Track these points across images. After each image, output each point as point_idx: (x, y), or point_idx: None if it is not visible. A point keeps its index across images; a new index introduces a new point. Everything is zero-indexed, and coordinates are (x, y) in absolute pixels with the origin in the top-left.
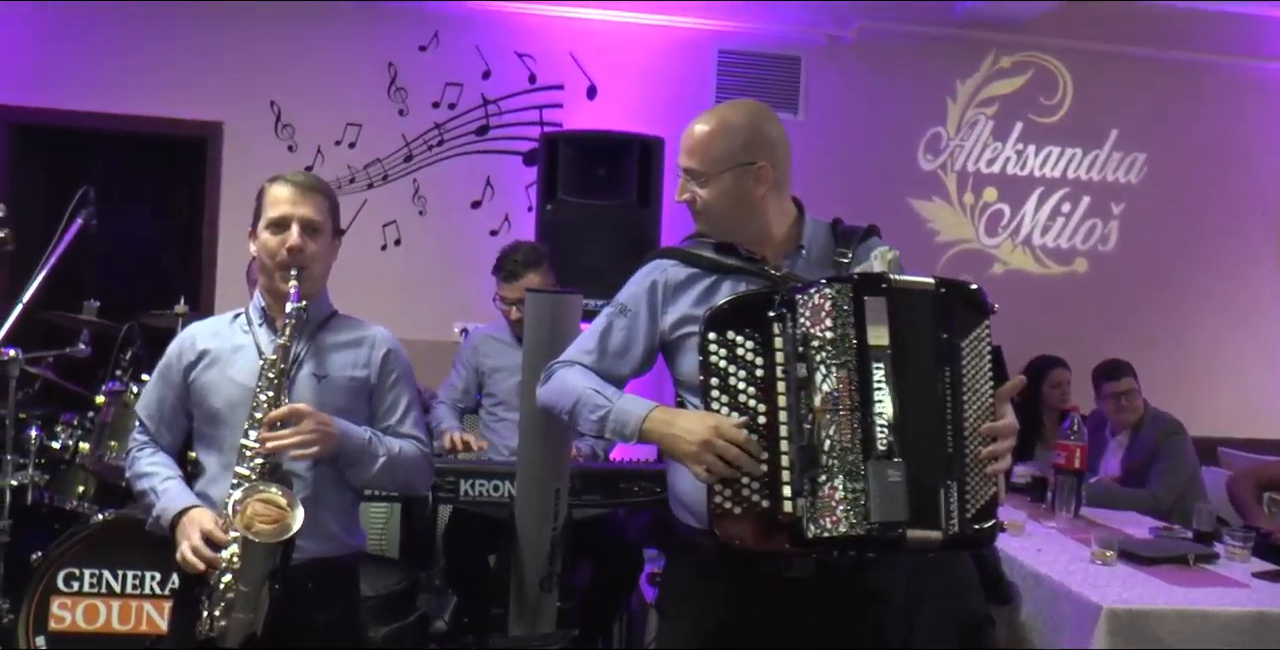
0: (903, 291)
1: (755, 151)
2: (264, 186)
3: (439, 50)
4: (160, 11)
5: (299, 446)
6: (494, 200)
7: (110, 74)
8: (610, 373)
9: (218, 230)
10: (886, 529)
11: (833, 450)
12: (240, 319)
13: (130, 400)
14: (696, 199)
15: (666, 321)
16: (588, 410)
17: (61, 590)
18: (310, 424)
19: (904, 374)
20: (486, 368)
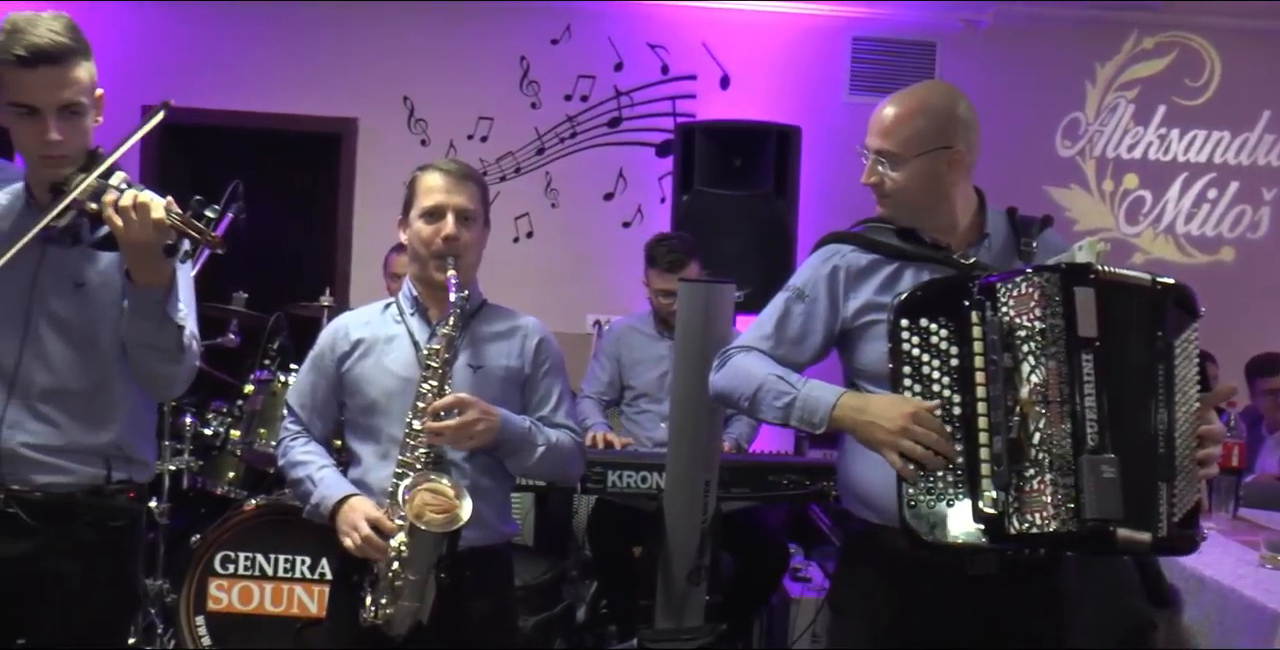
0: (1113, 285)
1: (951, 136)
2: (415, 175)
3: (571, 42)
4: (296, 12)
5: (464, 436)
6: (626, 192)
7: (249, 74)
8: (787, 360)
9: (352, 223)
10: (1098, 527)
11: (1041, 444)
12: (391, 308)
13: (278, 388)
14: (885, 182)
15: (849, 308)
16: (771, 397)
17: (218, 572)
18: (475, 413)
19: (1114, 369)
20: (628, 360)
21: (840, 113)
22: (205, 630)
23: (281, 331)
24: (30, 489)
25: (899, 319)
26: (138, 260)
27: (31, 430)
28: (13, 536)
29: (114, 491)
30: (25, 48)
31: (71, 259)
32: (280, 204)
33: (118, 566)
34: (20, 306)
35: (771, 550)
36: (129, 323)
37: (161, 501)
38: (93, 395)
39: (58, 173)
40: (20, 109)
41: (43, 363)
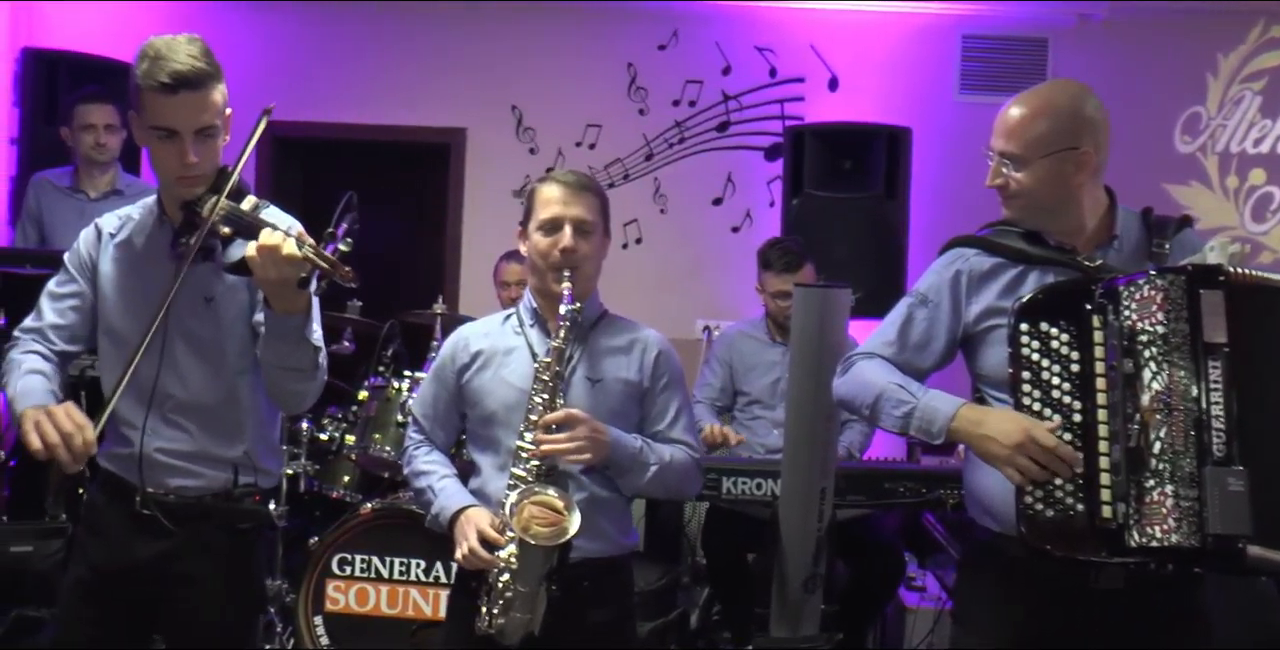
0: (1246, 287)
1: (1078, 136)
2: (534, 187)
3: (678, 48)
4: (404, 25)
5: (572, 452)
6: (735, 196)
7: (359, 87)
8: (910, 366)
9: (461, 232)
10: (1224, 542)
11: (1163, 453)
12: (511, 320)
13: (391, 394)
14: (1010, 184)
15: (971, 313)
16: (890, 406)
17: (335, 574)
18: (585, 430)
19: (1246, 376)
20: (740, 366)
21: (951, 112)
22: (323, 630)
23: (395, 339)
24: (165, 492)
25: (1019, 323)
26: (274, 292)
27: (166, 437)
28: (151, 538)
29: (241, 495)
30: (169, 75)
31: (202, 275)
32: (392, 214)
33: (245, 567)
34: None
35: (887, 559)
36: (266, 345)
37: (280, 504)
38: (221, 408)
39: (193, 191)
40: (160, 132)
41: (176, 376)
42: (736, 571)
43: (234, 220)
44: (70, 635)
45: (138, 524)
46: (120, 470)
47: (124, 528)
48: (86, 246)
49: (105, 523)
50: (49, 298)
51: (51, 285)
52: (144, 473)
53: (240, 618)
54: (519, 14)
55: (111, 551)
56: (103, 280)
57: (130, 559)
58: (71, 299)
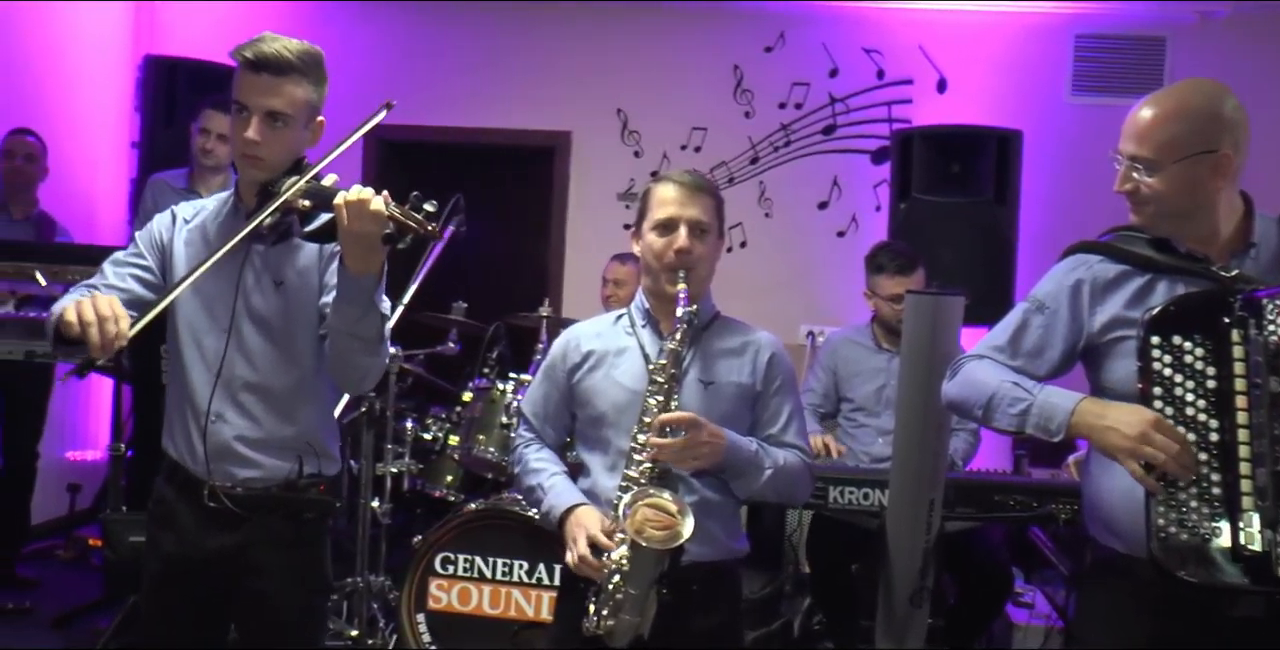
0: None
1: (1214, 139)
2: (649, 187)
3: (784, 50)
4: (511, 27)
5: (688, 455)
6: (841, 200)
7: (465, 90)
8: (1022, 373)
9: (565, 234)
10: None
11: None
12: (623, 320)
13: (496, 396)
14: (1141, 189)
15: (1095, 323)
16: (1006, 403)
17: (438, 572)
18: (701, 434)
19: None
20: (845, 372)
21: (1063, 114)
22: (425, 627)
23: (500, 341)
24: (232, 485)
25: (1149, 336)
26: (355, 249)
27: (233, 423)
28: (220, 530)
29: (305, 485)
30: (254, 53)
31: (273, 258)
32: (497, 217)
33: (312, 557)
34: (226, 303)
35: (995, 573)
36: (335, 310)
37: (384, 502)
38: (289, 389)
39: (255, 174)
40: (237, 106)
41: (244, 357)
42: (841, 582)
43: (315, 193)
44: (154, 625)
45: (207, 516)
46: (188, 459)
47: (193, 521)
48: (161, 227)
49: (174, 516)
50: (112, 262)
51: (117, 254)
52: (210, 463)
53: (308, 605)
54: (626, 16)
55: (183, 545)
56: (175, 261)
57: (201, 551)
58: (133, 268)
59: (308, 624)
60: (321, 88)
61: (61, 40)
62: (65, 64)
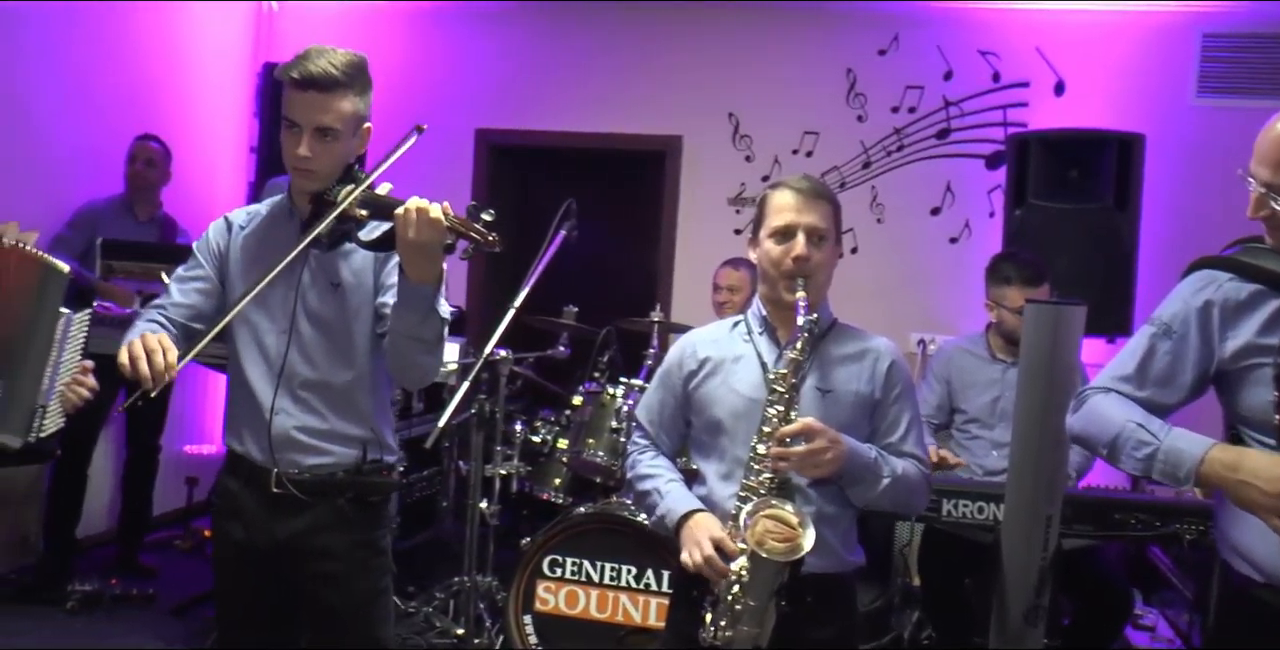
0: None
1: None
2: (766, 193)
3: (898, 53)
4: (624, 32)
5: (810, 464)
6: (954, 206)
7: (576, 94)
8: (1153, 403)
9: (675, 239)
10: None
11: None
12: (740, 327)
13: (606, 401)
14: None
15: (1226, 349)
16: (1130, 446)
17: (546, 575)
18: (822, 441)
19: None
20: (959, 382)
21: (1188, 117)
22: (532, 629)
23: (611, 345)
24: (299, 471)
25: None
26: (415, 258)
27: (297, 416)
28: (288, 516)
29: (370, 470)
30: (300, 72)
31: (330, 262)
32: (607, 221)
33: (378, 538)
34: (285, 305)
35: (1114, 594)
36: (396, 315)
37: (492, 503)
38: (347, 385)
39: (309, 184)
40: (287, 123)
41: (304, 356)
42: (953, 597)
43: (371, 203)
44: (230, 613)
45: (274, 503)
46: (254, 452)
47: (261, 509)
48: (216, 236)
49: (241, 506)
50: (176, 280)
51: (179, 270)
52: (276, 453)
53: (376, 586)
54: (738, 20)
55: (251, 533)
56: (232, 268)
57: (270, 538)
58: (196, 282)
59: (376, 604)
60: (367, 95)
61: (185, 49)
62: (188, 72)
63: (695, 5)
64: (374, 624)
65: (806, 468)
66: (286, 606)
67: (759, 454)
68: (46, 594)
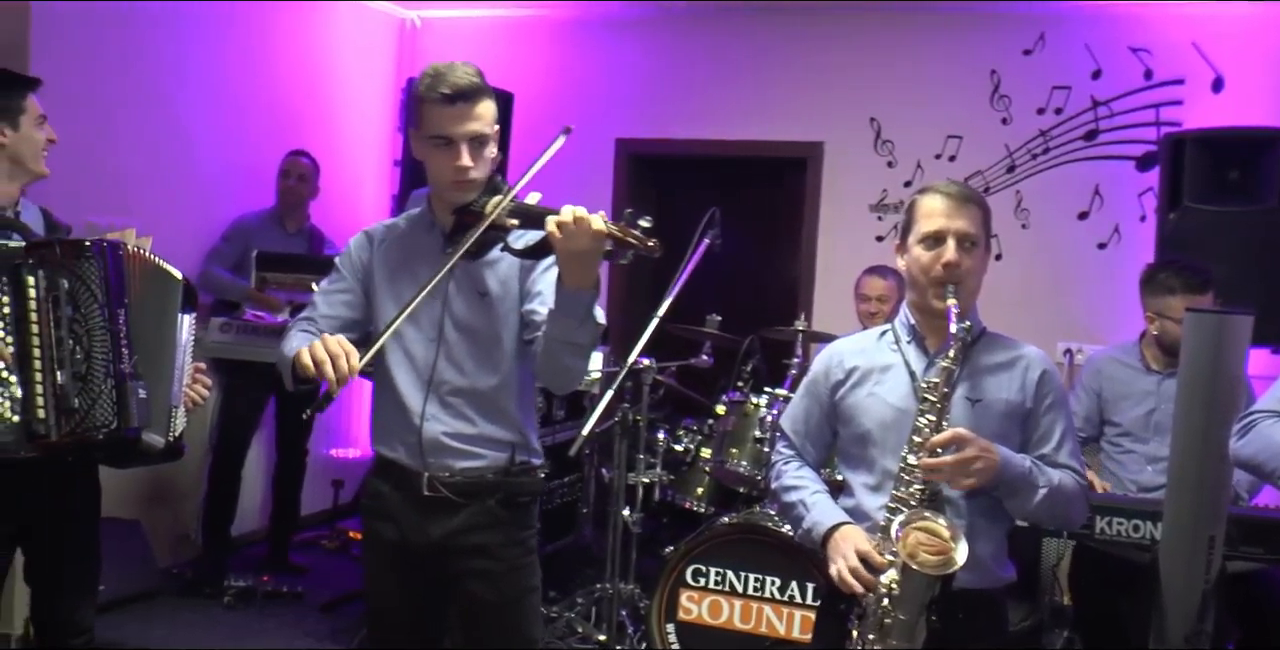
0: None
1: None
2: (915, 198)
3: (1044, 52)
4: (763, 38)
5: (961, 474)
6: (1102, 210)
7: (718, 104)
8: None
9: (817, 247)
10: None
11: None
12: (887, 336)
13: (750, 410)
14: None
15: None
16: None
17: (690, 584)
18: (973, 450)
19: None
20: (1111, 394)
21: None
22: (675, 637)
23: (755, 354)
24: (450, 474)
25: None
26: (573, 266)
27: (446, 422)
28: (441, 517)
29: (519, 471)
30: (449, 87)
31: (476, 271)
32: (748, 229)
33: (527, 537)
34: (433, 315)
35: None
36: (552, 321)
37: (634, 511)
38: (494, 390)
39: (466, 196)
40: (439, 140)
41: (452, 363)
42: (1107, 618)
43: (522, 212)
44: (381, 610)
45: (426, 505)
46: (405, 457)
47: (413, 511)
48: (358, 251)
49: (393, 508)
50: (321, 294)
51: (324, 284)
52: (426, 457)
53: (528, 585)
54: (879, 23)
55: (404, 534)
56: (377, 282)
57: (424, 537)
58: (341, 294)
59: (527, 601)
60: (494, 97)
61: (330, 67)
62: (333, 88)
63: (835, 10)
64: (526, 621)
65: (957, 478)
66: (435, 606)
67: (909, 465)
68: (205, 588)
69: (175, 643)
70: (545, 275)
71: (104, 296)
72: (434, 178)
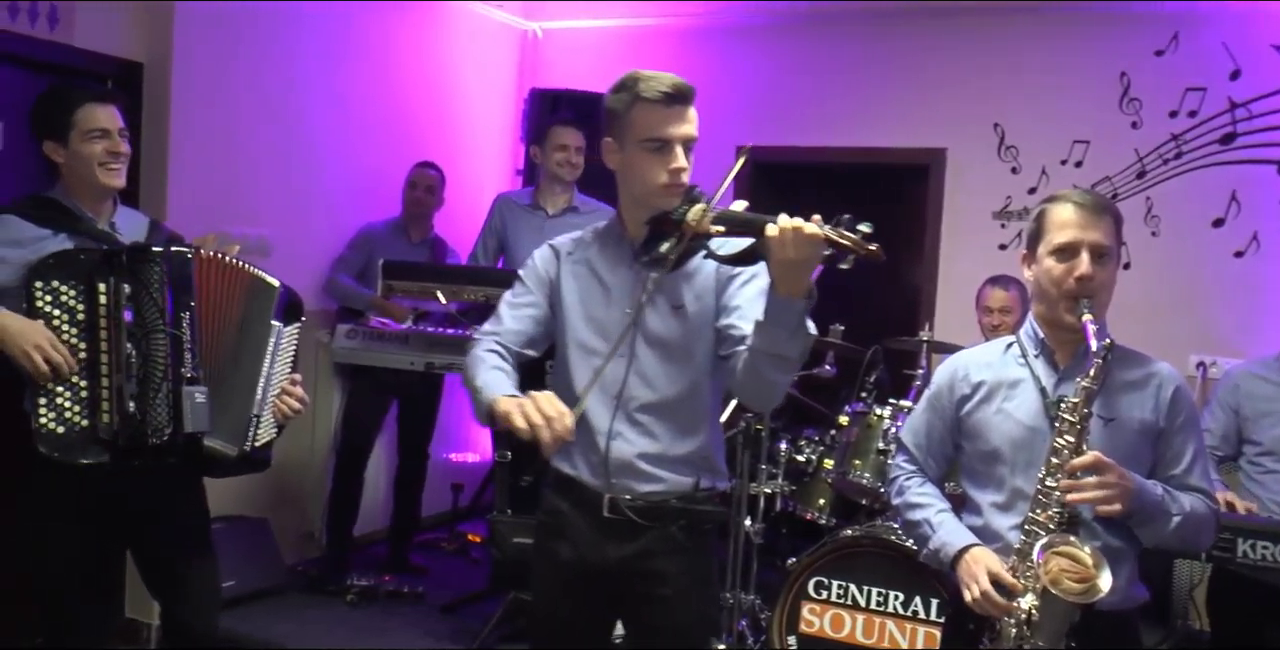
0: None
1: None
2: (1044, 208)
3: (1177, 53)
4: (884, 43)
5: (1102, 501)
6: (1239, 217)
7: (839, 110)
8: None
9: (939, 255)
10: None
11: None
12: (1014, 349)
13: (873, 421)
14: None
15: None
16: None
17: (811, 596)
18: (1113, 477)
19: None
20: (1250, 411)
21: None
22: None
23: (878, 365)
24: (632, 497)
25: None
26: (789, 274)
27: (633, 441)
28: (621, 540)
29: (702, 498)
30: (668, 87)
31: (669, 282)
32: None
33: (706, 566)
34: (623, 328)
35: None
36: (761, 332)
37: (756, 521)
38: (685, 407)
39: (672, 202)
40: (653, 144)
41: (642, 379)
42: (1250, 645)
43: (728, 219)
44: (547, 626)
45: (606, 527)
46: (587, 475)
47: (592, 532)
48: (544, 264)
49: (571, 527)
50: (507, 306)
51: (508, 296)
52: (611, 478)
53: (704, 612)
54: (1003, 25)
55: (581, 553)
56: (565, 295)
57: (602, 558)
58: (528, 308)
59: (703, 629)
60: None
61: (452, 77)
62: (455, 99)
63: (958, 13)
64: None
65: (1096, 504)
66: (602, 626)
67: (1048, 487)
68: (329, 586)
69: (301, 638)
70: (744, 289)
71: (165, 301)
72: (641, 184)
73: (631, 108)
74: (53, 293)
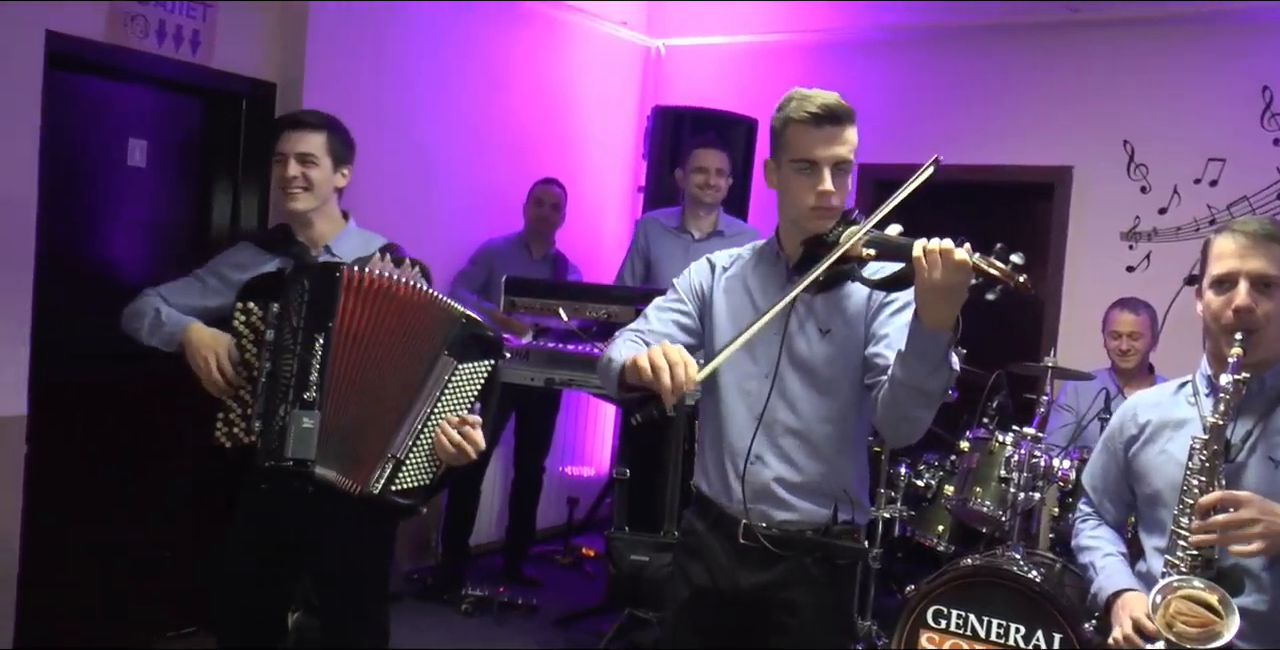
0: None
1: None
2: (1209, 238)
3: None
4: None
5: (1236, 538)
6: None
7: (962, 127)
8: None
9: (1063, 277)
10: None
11: None
12: (1185, 388)
13: (994, 448)
14: None
15: None
16: None
17: (930, 625)
18: (1250, 512)
19: None
20: None
21: None
22: None
23: (1001, 390)
24: (767, 525)
25: None
26: (934, 301)
27: (774, 466)
28: (754, 568)
29: (840, 532)
30: (820, 107)
31: (820, 306)
32: None
33: (841, 601)
34: (770, 349)
35: None
36: (903, 364)
37: (874, 545)
38: (828, 434)
39: (824, 225)
40: (801, 165)
41: (786, 402)
42: None
43: (880, 243)
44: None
45: (741, 553)
46: (724, 498)
47: (727, 556)
48: (699, 276)
49: (706, 548)
50: (655, 309)
51: (658, 301)
52: (749, 503)
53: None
54: (1133, 38)
55: (714, 577)
56: (716, 309)
57: (733, 584)
58: (676, 314)
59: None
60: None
61: (576, 95)
62: (578, 116)
63: (1086, 26)
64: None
65: (1233, 542)
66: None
67: (1182, 527)
68: (444, 594)
69: (418, 645)
70: (894, 318)
71: (300, 320)
72: (792, 205)
73: (785, 127)
74: (245, 312)
